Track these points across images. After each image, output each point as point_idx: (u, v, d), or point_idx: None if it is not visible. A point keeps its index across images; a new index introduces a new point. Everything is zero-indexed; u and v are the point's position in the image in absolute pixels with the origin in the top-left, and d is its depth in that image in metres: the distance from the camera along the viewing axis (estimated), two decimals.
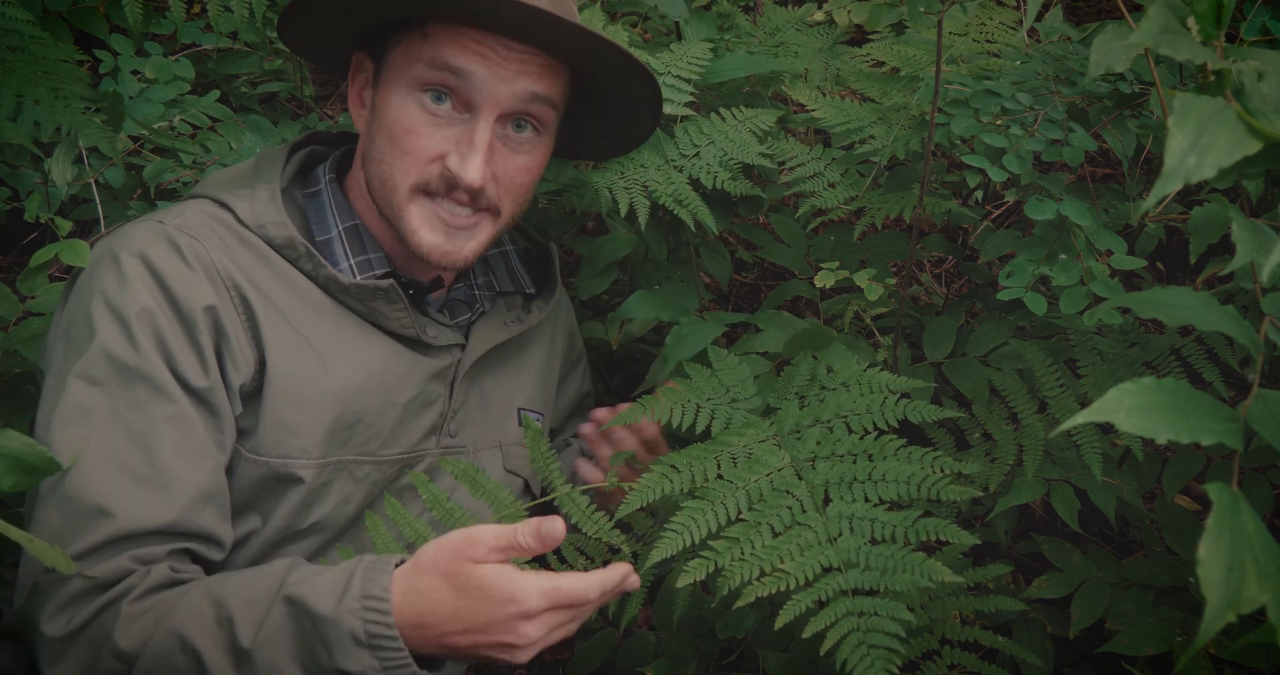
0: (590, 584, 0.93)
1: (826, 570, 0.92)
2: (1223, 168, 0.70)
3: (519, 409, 1.29)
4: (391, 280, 1.13)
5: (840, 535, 0.95)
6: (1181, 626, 1.23)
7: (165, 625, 0.92)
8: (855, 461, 1.01)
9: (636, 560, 1.24)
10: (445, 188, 1.10)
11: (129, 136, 1.64)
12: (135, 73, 1.71)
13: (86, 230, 1.81)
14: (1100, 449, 1.25)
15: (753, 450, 1.04)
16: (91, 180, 1.58)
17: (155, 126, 1.64)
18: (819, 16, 2.08)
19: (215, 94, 1.73)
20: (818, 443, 1.05)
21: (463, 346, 1.21)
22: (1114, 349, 1.31)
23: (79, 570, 0.93)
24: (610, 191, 1.35)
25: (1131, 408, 0.70)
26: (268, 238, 1.09)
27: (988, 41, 1.61)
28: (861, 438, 1.04)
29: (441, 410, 1.19)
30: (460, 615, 0.90)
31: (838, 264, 1.38)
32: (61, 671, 0.93)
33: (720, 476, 1.01)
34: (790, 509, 0.97)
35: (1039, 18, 1.68)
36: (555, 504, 1.14)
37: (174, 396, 1.00)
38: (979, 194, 1.68)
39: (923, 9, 1.42)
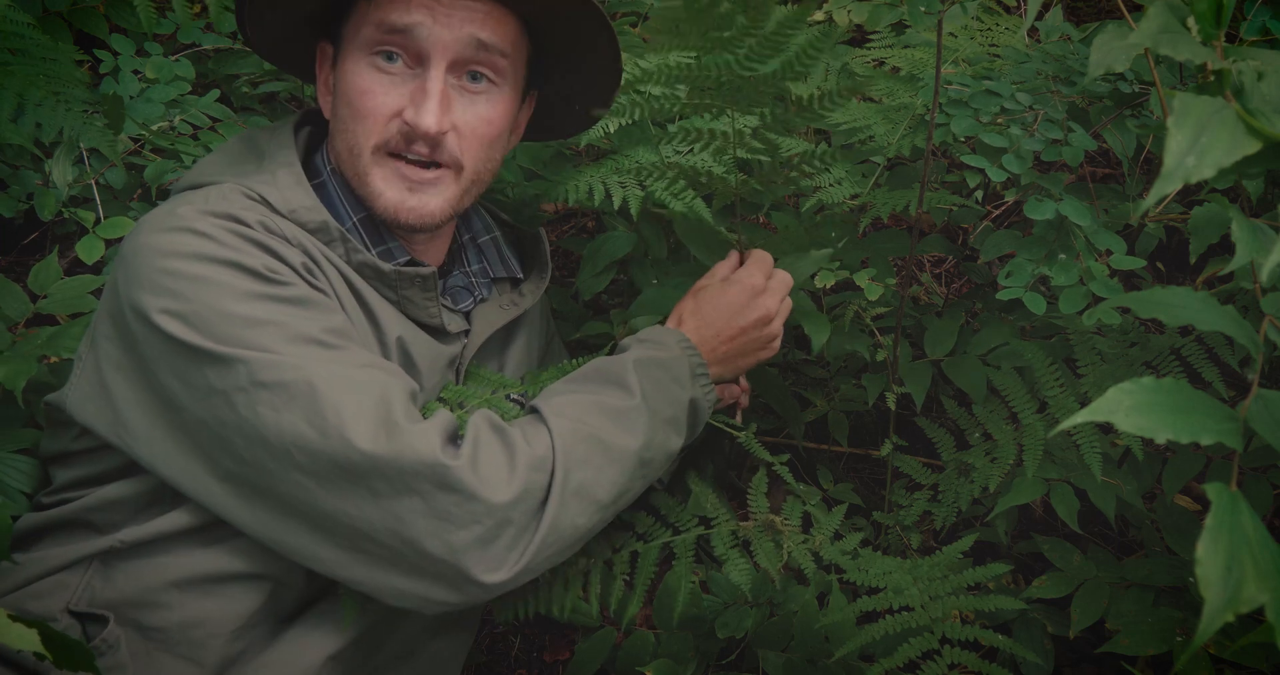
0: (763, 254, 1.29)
1: None
2: (1222, 168, 0.70)
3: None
4: (433, 268, 1.14)
5: None
6: (1181, 626, 1.22)
7: (555, 430, 1.01)
8: None
9: (636, 559, 1.24)
10: (405, 142, 1.10)
11: (129, 137, 1.64)
12: (136, 73, 1.70)
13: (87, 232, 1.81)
14: (1100, 449, 1.25)
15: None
16: (92, 181, 1.58)
17: (156, 127, 1.64)
18: (819, 16, 2.08)
19: (215, 94, 1.72)
20: None
21: (467, 332, 1.23)
22: (1114, 349, 1.31)
23: (417, 421, 0.96)
24: (604, 185, 1.35)
25: (1131, 407, 0.70)
26: (300, 222, 1.08)
27: (991, 46, 1.61)
28: None
29: None
30: (718, 315, 1.22)
31: (838, 263, 1.38)
32: (490, 479, 0.94)
33: None
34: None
35: (1039, 17, 1.68)
36: None
37: (333, 308, 1.03)
38: (979, 194, 1.68)
39: (923, 9, 1.42)
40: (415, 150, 1.10)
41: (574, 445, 1.01)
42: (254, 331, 0.96)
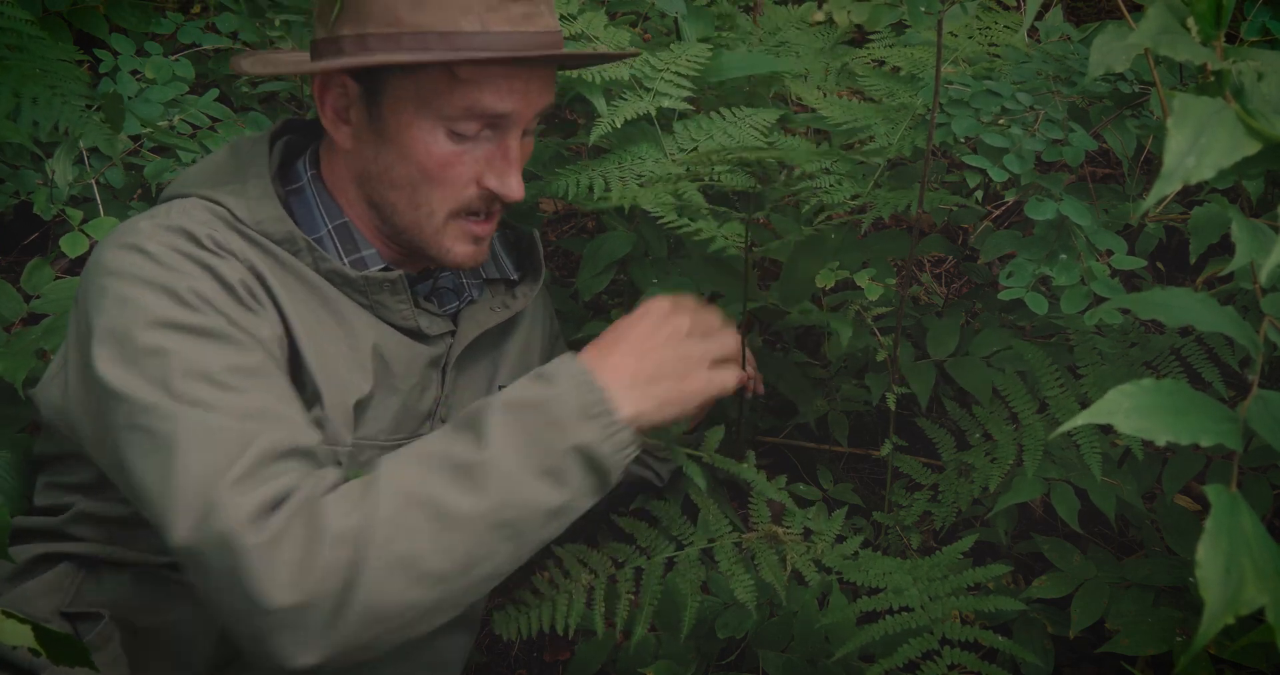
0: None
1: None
2: (1222, 168, 0.70)
3: (498, 386, 1.31)
4: (400, 272, 1.14)
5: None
6: (1181, 626, 1.22)
7: (380, 493, 0.90)
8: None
9: (641, 575, 1.24)
10: (485, 206, 1.13)
11: (129, 136, 1.64)
12: (135, 73, 1.70)
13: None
14: (1100, 449, 1.25)
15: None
16: (93, 180, 1.58)
17: (155, 125, 1.64)
18: (819, 17, 2.08)
19: (215, 94, 1.72)
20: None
21: (453, 333, 1.23)
22: (1114, 349, 1.31)
23: (247, 489, 0.89)
24: (604, 180, 1.35)
25: (1130, 409, 0.69)
26: (266, 233, 1.09)
27: (990, 45, 1.61)
28: None
29: (435, 396, 1.22)
30: (623, 334, 1.05)
31: (838, 263, 1.38)
32: (278, 574, 0.86)
33: None
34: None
35: (1039, 17, 1.68)
36: None
37: (247, 347, 0.99)
38: (979, 194, 1.68)
39: (923, 9, 1.42)
40: (491, 210, 1.14)
41: (400, 511, 0.90)
42: (152, 360, 0.95)
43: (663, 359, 1.04)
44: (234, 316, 1.00)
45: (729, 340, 1.10)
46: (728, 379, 1.08)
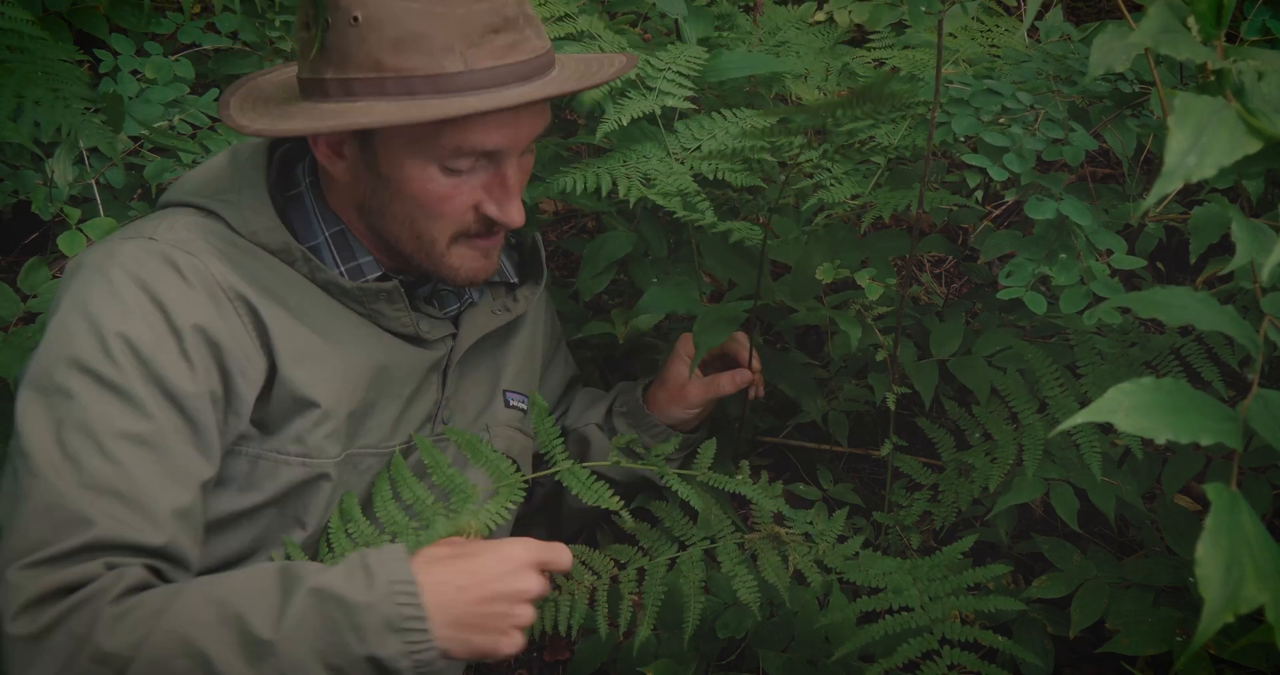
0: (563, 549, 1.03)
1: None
2: (1223, 167, 0.70)
3: (504, 390, 1.31)
4: (395, 282, 1.14)
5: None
6: (1181, 626, 1.22)
7: (161, 627, 0.88)
8: None
9: (643, 576, 1.24)
10: (486, 229, 1.13)
11: (129, 136, 1.64)
12: (135, 73, 1.70)
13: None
14: (1100, 449, 1.25)
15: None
16: (93, 181, 1.58)
17: (156, 126, 1.64)
18: (819, 17, 2.08)
19: (215, 93, 1.72)
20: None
21: (453, 336, 1.23)
22: (1114, 349, 1.31)
23: (40, 573, 0.89)
24: (611, 176, 1.35)
25: (1130, 408, 0.70)
26: (261, 243, 1.09)
27: (991, 46, 1.61)
28: None
29: (435, 398, 1.22)
30: (477, 579, 0.96)
31: (838, 261, 1.37)
32: (33, 671, 0.86)
33: None
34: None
35: (1039, 17, 1.68)
36: (555, 477, 1.17)
37: (149, 412, 0.97)
38: (979, 194, 1.68)
39: (923, 9, 1.42)
40: (494, 232, 1.14)
41: (169, 655, 0.88)
42: (58, 399, 0.96)
43: (498, 608, 0.96)
44: (158, 372, 0.98)
45: (530, 614, 0.99)
46: (519, 647, 0.98)
